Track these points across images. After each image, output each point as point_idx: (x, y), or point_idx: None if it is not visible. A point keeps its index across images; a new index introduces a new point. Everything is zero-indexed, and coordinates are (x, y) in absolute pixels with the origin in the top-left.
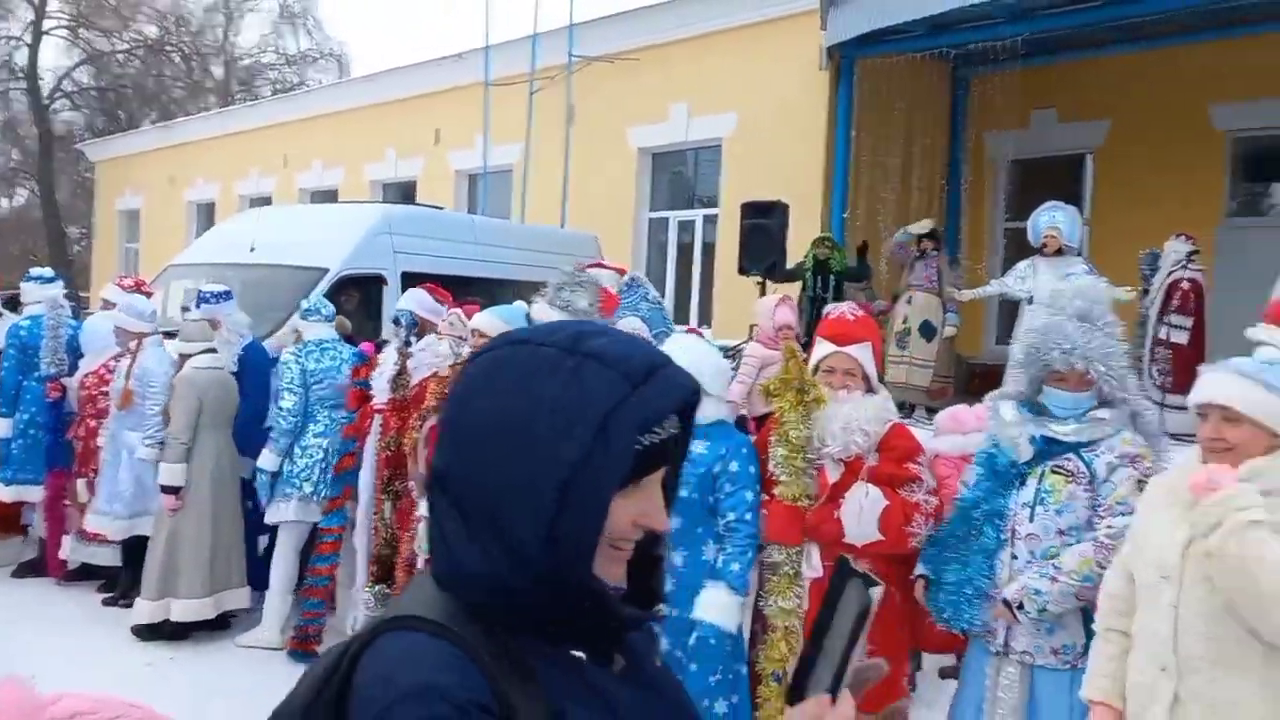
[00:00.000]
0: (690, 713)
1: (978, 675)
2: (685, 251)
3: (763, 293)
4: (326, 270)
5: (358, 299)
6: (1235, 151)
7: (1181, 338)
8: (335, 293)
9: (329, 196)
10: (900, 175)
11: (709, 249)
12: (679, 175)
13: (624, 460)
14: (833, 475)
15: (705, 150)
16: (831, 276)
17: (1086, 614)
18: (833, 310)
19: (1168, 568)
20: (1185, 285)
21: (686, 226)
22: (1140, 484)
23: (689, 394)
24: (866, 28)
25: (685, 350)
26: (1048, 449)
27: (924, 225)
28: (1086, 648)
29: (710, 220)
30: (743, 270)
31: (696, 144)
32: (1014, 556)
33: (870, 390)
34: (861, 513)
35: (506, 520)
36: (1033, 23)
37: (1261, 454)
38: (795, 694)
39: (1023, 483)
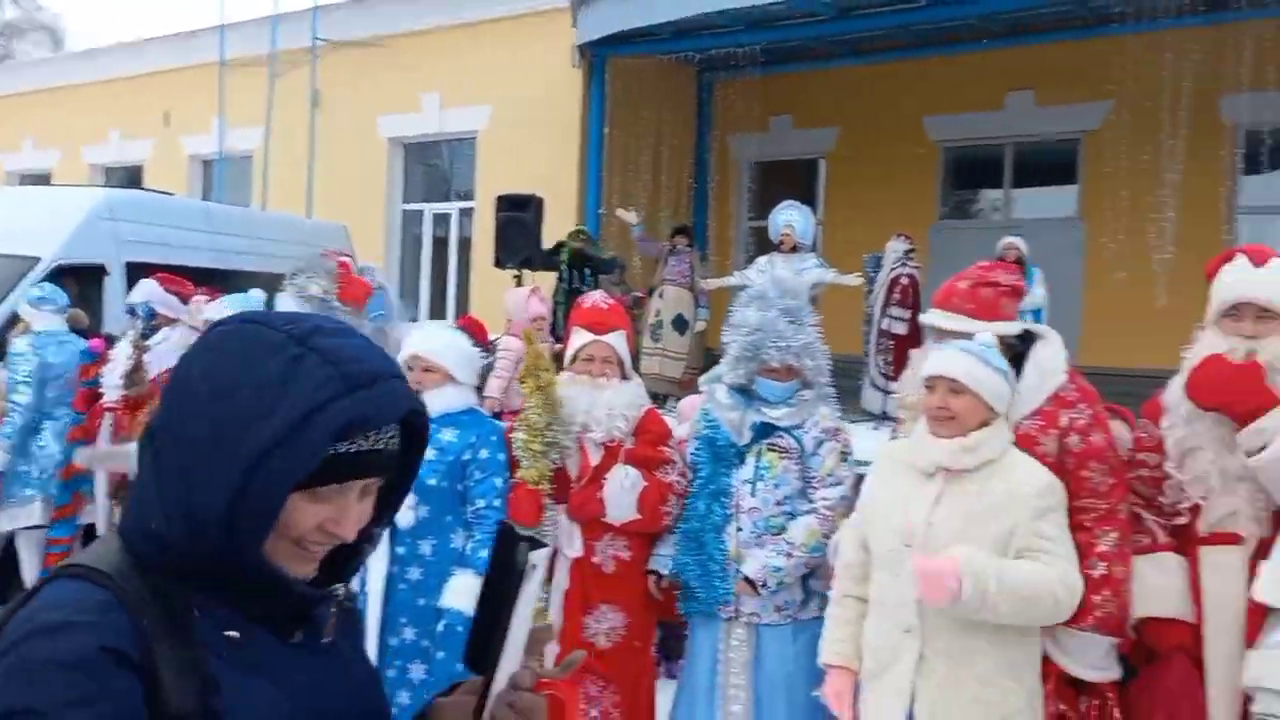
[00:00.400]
0: (373, 688)
1: (709, 642)
2: (441, 245)
3: (519, 285)
4: (38, 259)
5: (75, 291)
6: (947, 160)
7: (901, 328)
8: (50, 283)
9: (41, 180)
10: (651, 173)
11: (465, 243)
12: (434, 167)
13: (313, 457)
14: (594, 458)
15: (460, 142)
16: (586, 268)
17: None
18: (585, 300)
19: (911, 537)
20: (904, 281)
21: (442, 219)
22: (843, 455)
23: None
24: (614, 28)
25: (431, 338)
26: (761, 429)
27: (631, 215)
28: (803, 602)
29: (466, 213)
30: (499, 263)
31: (451, 135)
32: (739, 529)
33: (625, 376)
34: (622, 493)
35: (195, 485)
36: (769, 33)
37: (977, 426)
38: (472, 664)
39: (742, 461)
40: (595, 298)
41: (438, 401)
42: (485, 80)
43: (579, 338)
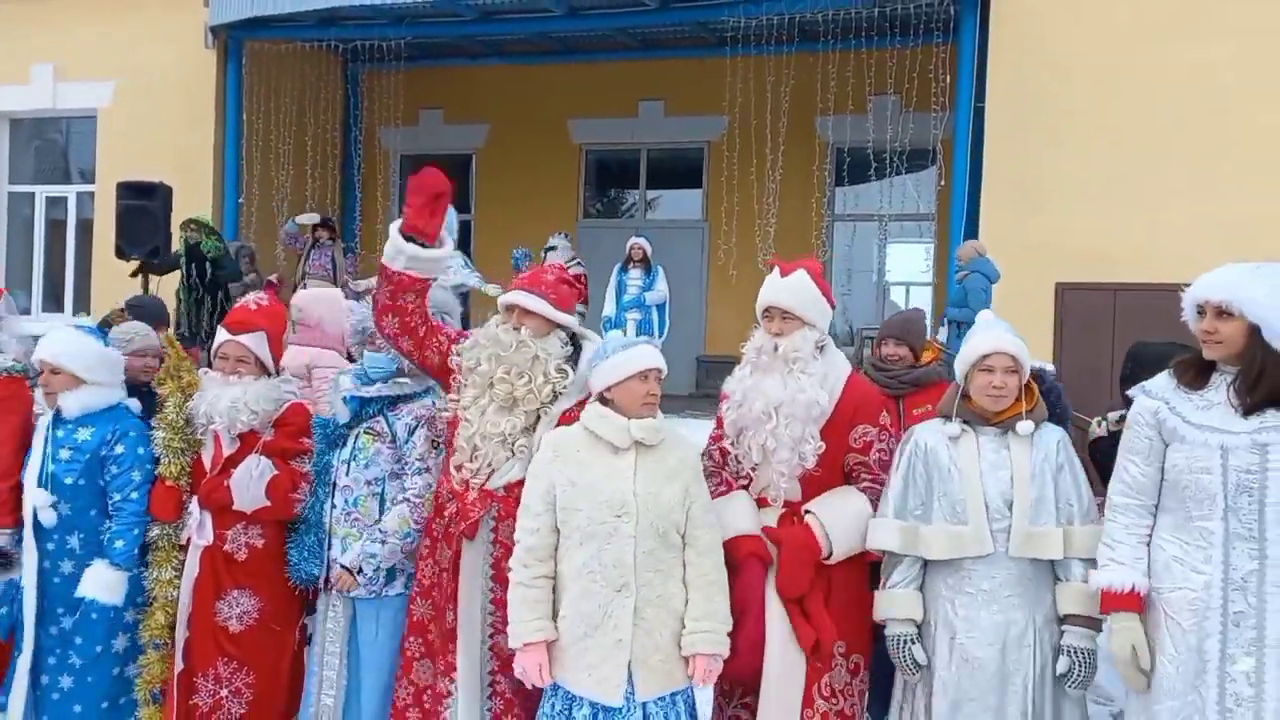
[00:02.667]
0: None
1: (320, 612)
2: (57, 230)
3: (143, 278)
4: None
5: None
6: (589, 161)
7: None
8: None
9: None
10: (295, 162)
11: (86, 227)
12: (50, 145)
13: None
14: (228, 448)
15: (79, 120)
16: (207, 263)
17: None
18: (244, 300)
19: (624, 507)
20: (580, 277)
21: (58, 203)
22: (434, 443)
23: None
24: (250, 12)
25: (55, 342)
26: (363, 412)
27: (312, 217)
28: (388, 579)
29: (87, 197)
30: (120, 254)
31: (67, 112)
32: (334, 505)
33: (268, 373)
34: (250, 481)
35: None
36: (414, 28)
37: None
38: None
39: (344, 443)
40: (248, 298)
41: (72, 403)
42: (108, 55)
43: (218, 337)
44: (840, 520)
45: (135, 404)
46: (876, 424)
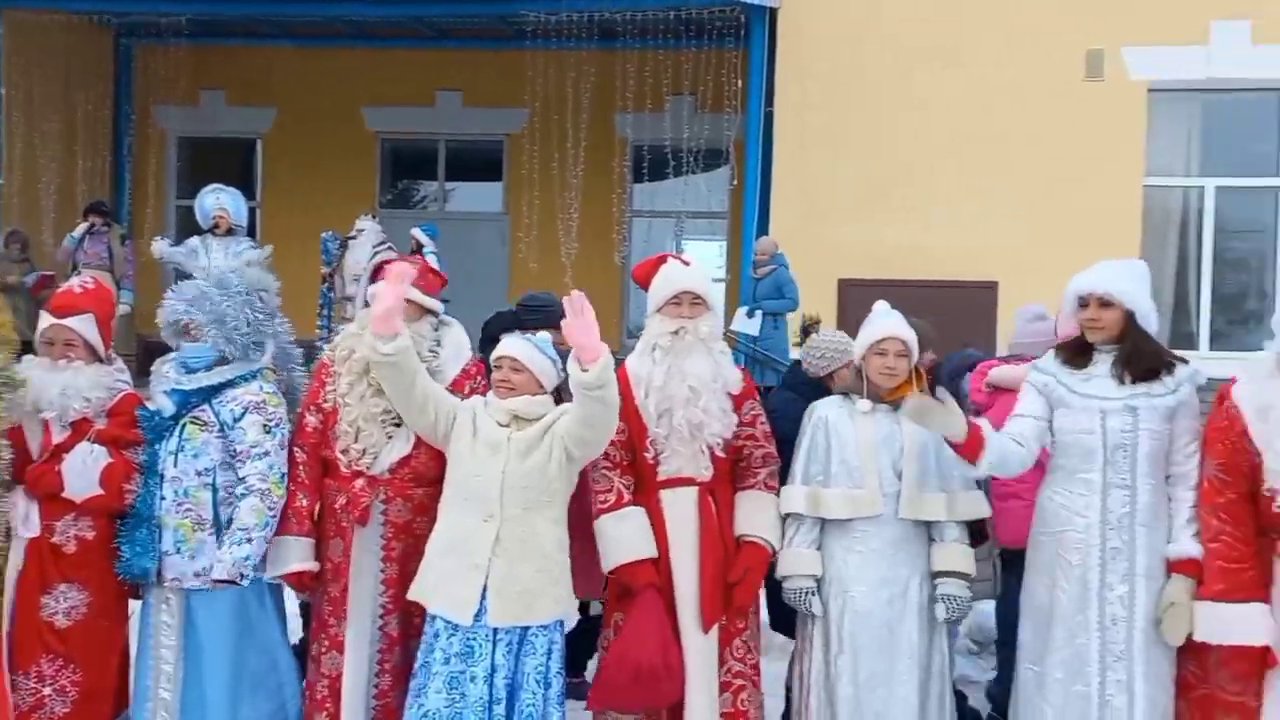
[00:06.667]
0: None
1: (153, 606)
2: None
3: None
4: None
5: None
6: (384, 150)
7: None
8: None
9: None
10: (63, 141)
11: None
12: None
13: None
14: (58, 436)
15: None
16: None
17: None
18: (66, 284)
19: (497, 446)
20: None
21: None
22: (265, 427)
23: None
24: None
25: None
26: (187, 402)
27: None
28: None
29: None
30: None
31: None
32: (162, 498)
33: (99, 359)
34: (83, 468)
35: None
36: (194, 4)
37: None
38: None
39: (171, 434)
40: (74, 281)
41: None
42: None
43: (43, 321)
44: (774, 528)
45: None
46: (755, 398)
